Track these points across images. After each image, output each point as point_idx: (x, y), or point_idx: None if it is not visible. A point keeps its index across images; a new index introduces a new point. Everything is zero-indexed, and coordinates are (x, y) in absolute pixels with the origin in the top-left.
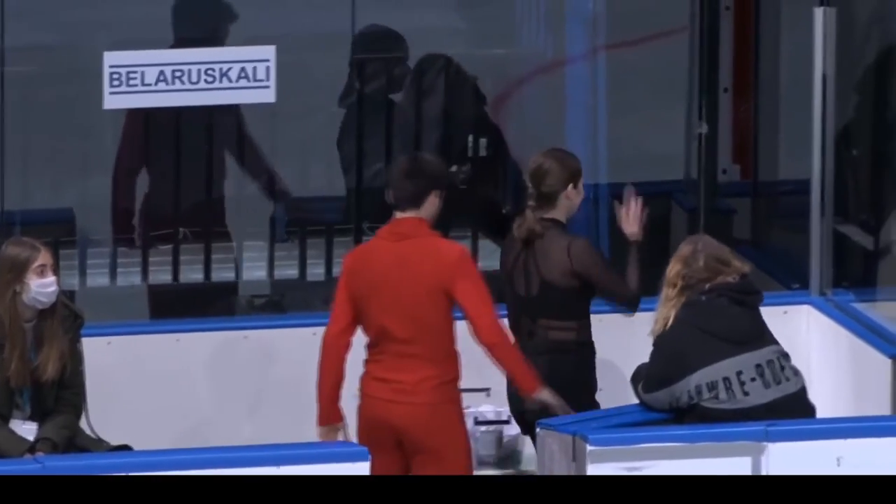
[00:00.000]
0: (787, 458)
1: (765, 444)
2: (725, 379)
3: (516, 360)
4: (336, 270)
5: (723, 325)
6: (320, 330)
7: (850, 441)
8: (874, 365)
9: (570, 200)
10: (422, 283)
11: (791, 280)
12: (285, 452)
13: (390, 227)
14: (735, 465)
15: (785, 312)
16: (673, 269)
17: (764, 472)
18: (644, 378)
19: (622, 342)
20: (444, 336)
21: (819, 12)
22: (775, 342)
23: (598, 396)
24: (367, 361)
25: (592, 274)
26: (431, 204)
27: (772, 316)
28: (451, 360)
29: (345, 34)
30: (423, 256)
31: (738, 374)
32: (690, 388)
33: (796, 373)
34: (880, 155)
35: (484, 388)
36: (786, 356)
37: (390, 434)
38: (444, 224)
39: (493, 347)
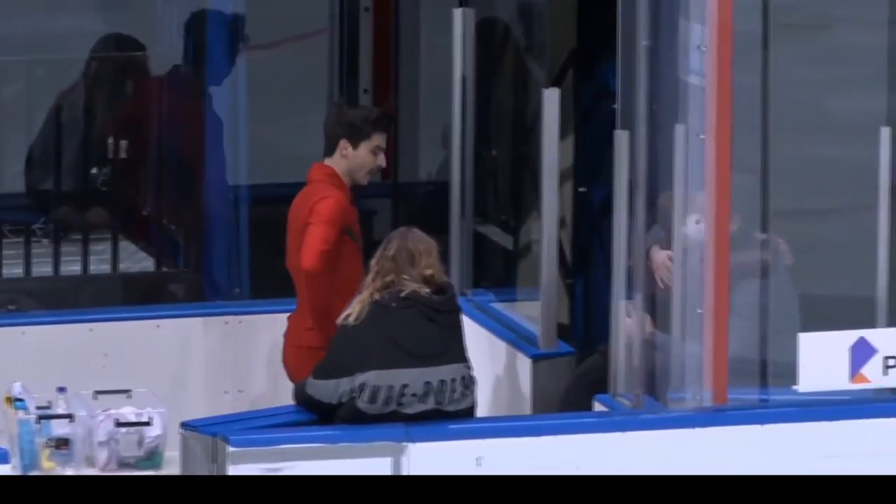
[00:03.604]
0: (428, 458)
1: (405, 444)
2: (390, 387)
3: (311, 293)
4: (5, 272)
5: (406, 337)
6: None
7: (489, 441)
8: (515, 364)
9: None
10: (296, 228)
11: None
12: None
13: None
14: (376, 465)
15: None
16: (374, 255)
17: (405, 473)
18: (318, 364)
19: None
20: None
21: (458, 13)
22: (462, 361)
23: (241, 398)
24: None
25: None
26: (343, 153)
27: None
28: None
29: None
30: (302, 202)
31: (404, 386)
32: (355, 384)
33: (465, 396)
34: (519, 156)
35: (124, 390)
36: (467, 379)
37: None
38: (83, 227)
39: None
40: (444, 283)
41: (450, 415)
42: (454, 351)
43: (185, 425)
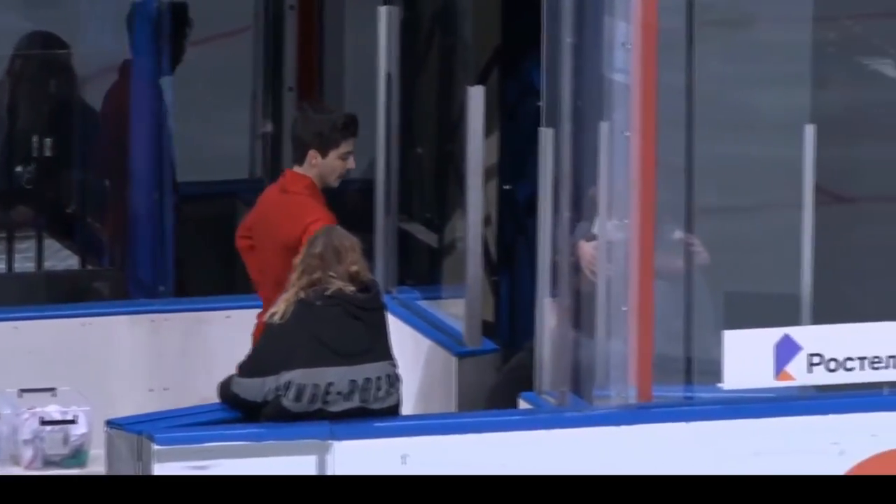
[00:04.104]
0: (353, 456)
1: (330, 442)
2: (315, 385)
3: None
4: None
5: (331, 335)
6: None
7: (415, 439)
8: (440, 362)
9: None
10: (277, 238)
11: None
12: None
13: (280, 177)
14: (301, 463)
15: None
16: (300, 254)
17: (330, 471)
18: (243, 361)
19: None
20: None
21: (383, 11)
22: (387, 359)
23: (166, 396)
24: None
25: None
26: (313, 163)
27: None
28: None
29: None
30: (287, 212)
31: (329, 385)
32: (281, 382)
33: (390, 394)
34: (444, 153)
35: (49, 388)
36: (392, 377)
37: None
38: (8, 225)
39: None
40: (369, 280)
41: (375, 413)
42: (379, 349)
43: (110, 423)
